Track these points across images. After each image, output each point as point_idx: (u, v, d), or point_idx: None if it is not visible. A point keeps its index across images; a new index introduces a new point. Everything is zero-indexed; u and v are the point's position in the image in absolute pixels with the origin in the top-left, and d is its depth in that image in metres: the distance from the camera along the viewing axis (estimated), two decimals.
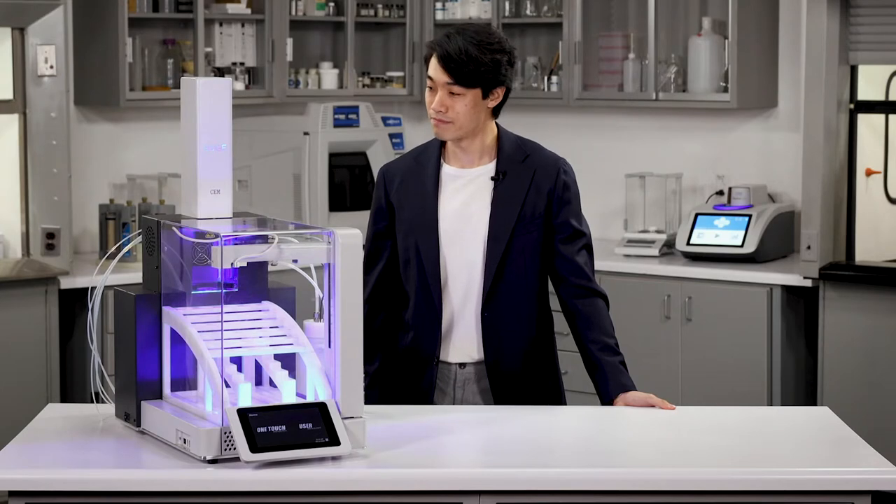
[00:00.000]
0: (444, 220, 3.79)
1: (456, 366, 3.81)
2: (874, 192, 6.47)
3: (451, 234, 3.78)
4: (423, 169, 3.83)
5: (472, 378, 3.80)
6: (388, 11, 7.52)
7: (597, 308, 3.80)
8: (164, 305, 3.28)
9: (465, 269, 3.78)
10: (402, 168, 3.88)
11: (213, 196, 3.32)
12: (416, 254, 3.79)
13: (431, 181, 3.81)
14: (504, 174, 3.79)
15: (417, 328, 3.81)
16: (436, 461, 3.21)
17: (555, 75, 7.20)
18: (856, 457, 3.28)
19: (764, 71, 6.79)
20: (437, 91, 3.72)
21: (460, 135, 3.76)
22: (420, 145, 3.94)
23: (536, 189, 3.79)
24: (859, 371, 6.10)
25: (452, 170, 3.83)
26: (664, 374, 6.38)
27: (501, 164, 3.80)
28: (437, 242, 3.78)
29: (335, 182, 7.01)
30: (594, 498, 3.09)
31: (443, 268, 3.78)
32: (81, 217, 6.62)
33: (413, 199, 3.82)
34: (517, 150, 3.82)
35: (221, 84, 3.32)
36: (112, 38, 6.47)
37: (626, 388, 3.72)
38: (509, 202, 3.77)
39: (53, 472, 3.07)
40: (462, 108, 3.72)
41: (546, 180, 3.80)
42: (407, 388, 3.84)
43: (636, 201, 7.09)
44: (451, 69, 3.69)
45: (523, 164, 3.80)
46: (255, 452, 3.01)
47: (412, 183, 3.83)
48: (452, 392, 3.82)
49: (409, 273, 3.82)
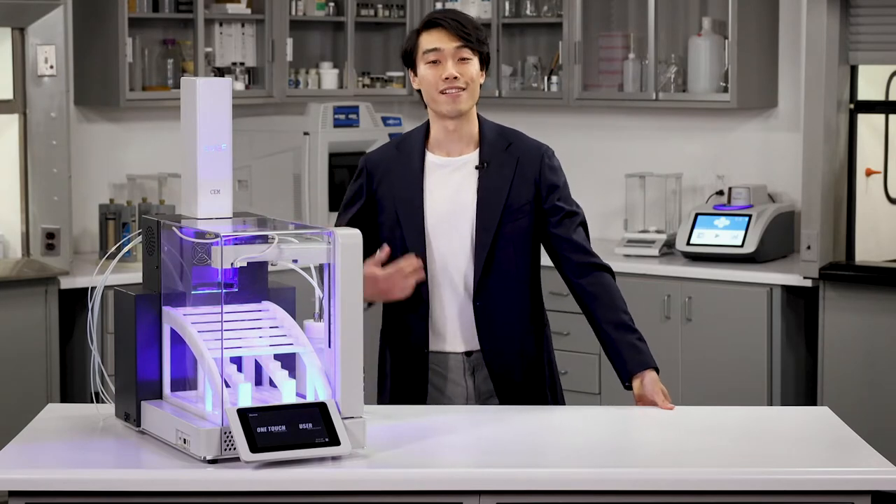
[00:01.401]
0: (431, 209, 3.80)
1: (462, 355, 3.81)
2: (874, 192, 6.47)
3: (437, 224, 3.79)
4: (407, 158, 3.84)
5: (478, 366, 3.81)
6: (388, 11, 7.52)
7: (604, 284, 3.80)
8: (164, 305, 3.28)
9: (453, 258, 3.79)
10: (385, 158, 3.88)
11: (213, 196, 3.32)
12: (403, 244, 3.79)
13: (416, 171, 3.81)
14: (487, 164, 3.80)
15: (405, 319, 3.82)
16: (436, 461, 3.21)
17: (555, 75, 7.20)
18: (856, 457, 3.28)
19: (764, 71, 6.79)
20: (443, 63, 3.75)
21: (470, 105, 3.78)
22: (400, 135, 3.94)
23: (522, 177, 3.80)
24: (859, 371, 6.10)
25: (437, 158, 3.83)
26: (664, 374, 6.32)
27: (485, 153, 3.82)
28: (423, 232, 3.78)
29: (335, 182, 7.01)
30: (594, 498, 3.09)
31: (429, 257, 3.79)
32: (81, 217, 6.62)
33: (398, 190, 3.82)
34: (499, 138, 3.84)
35: (221, 84, 3.33)
36: (112, 38, 6.47)
37: (647, 366, 3.72)
38: (495, 191, 3.78)
39: (53, 472, 3.07)
40: (472, 73, 3.78)
41: (530, 168, 3.81)
42: (402, 380, 3.85)
43: (636, 201, 7.09)
44: (462, 32, 3.75)
45: (506, 153, 3.83)
46: (255, 452, 3.01)
47: (396, 173, 3.83)
48: (465, 381, 3.82)
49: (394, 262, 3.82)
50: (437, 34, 3.77)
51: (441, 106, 3.77)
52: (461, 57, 3.76)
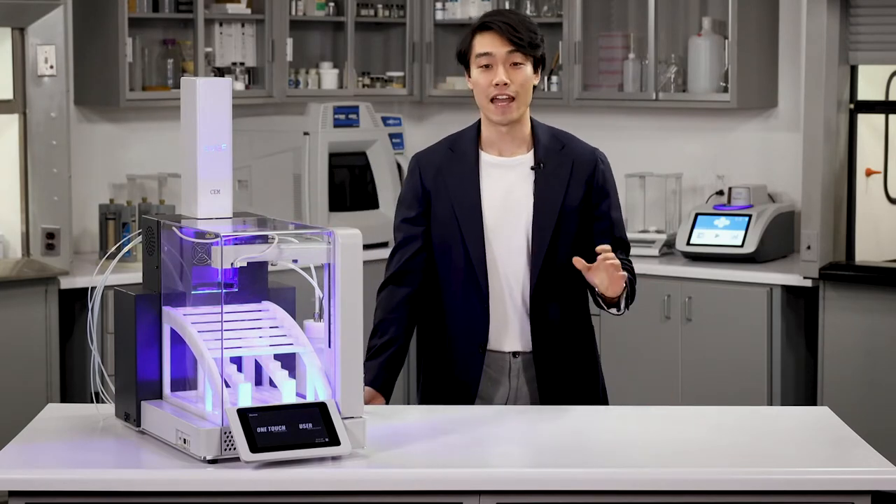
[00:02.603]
0: (488, 207, 3.79)
1: (509, 355, 3.81)
2: (874, 192, 6.47)
3: (494, 222, 3.79)
4: (462, 157, 3.83)
5: (525, 367, 3.79)
6: (388, 11, 7.52)
7: (623, 258, 3.79)
8: (164, 305, 3.28)
9: (510, 257, 3.78)
10: (438, 156, 3.87)
11: (213, 196, 3.32)
12: (461, 240, 3.77)
13: (471, 169, 3.81)
14: (543, 164, 3.80)
15: (464, 314, 3.80)
16: (436, 461, 3.21)
17: (555, 75, 7.20)
18: (856, 457, 3.28)
19: (764, 71, 6.79)
20: (495, 67, 3.74)
21: (521, 112, 3.79)
22: (451, 134, 3.92)
23: (576, 179, 3.81)
24: (859, 371, 6.10)
25: (492, 158, 3.83)
26: (664, 374, 6.38)
27: (540, 154, 3.82)
28: (481, 228, 3.77)
29: (335, 182, 7.01)
30: (594, 498, 3.09)
31: (489, 256, 3.78)
32: (81, 217, 6.62)
33: (453, 187, 3.81)
34: (553, 140, 3.85)
35: (221, 84, 3.33)
36: (112, 38, 6.47)
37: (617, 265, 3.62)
38: (551, 192, 3.79)
39: (53, 472, 3.07)
40: (523, 79, 3.77)
41: (584, 170, 3.83)
42: (452, 378, 3.83)
43: (636, 201, 7.09)
44: (515, 37, 3.74)
45: (561, 154, 3.83)
46: (255, 452, 3.01)
47: (450, 171, 3.82)
48: (508, 381, 3.81)
49: (448, 262, 3.80)
50: (490, 37, 3.76)
51: (491, 113, 3.78)
52: (513, 62, 3.76)
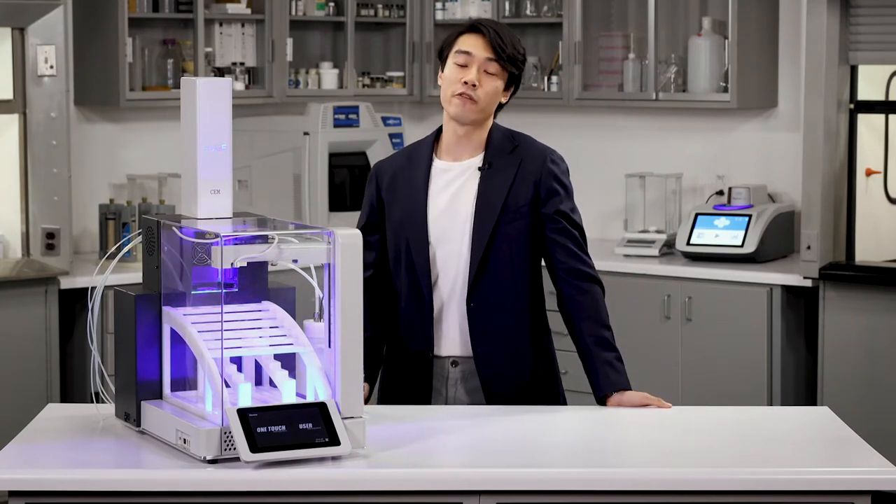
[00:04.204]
0: (434, 215, 3.80)
1: (448, 363, 3.81)
2: (874, 192, 6.47)
3: (439, 229, 3.79)
4: (415, 165, 3.84)
5: (465, 376, 3.80)
6: (388, 11, 7.52)
7: (592, 295, 3.77)
8: (164, 305, 3.28)
9: (454, 260, 3.78)
10: (394, 166, 3.89)
11: (213, 196, 3.32)
12: (407, 250, 3.79)
13: (422, 177, 3.81)
14: (490, 165, 3.80)
15: (409, 325, 3.81)
16: (436, 461, 3.21)
17: (555, 75, 7.20)
18: (856, 457, 3.28)
19: (764, 71, 6.79)
20: (470, 67, 3.74)
21: (480, 118, 3.78)
22: (414, 143, 3.94)
23: (522, 179, 3.79)
24: (859, 371, 6.10)
25: (443, 163, 3.83)
26: (664, 374, 6.38)
27: (489, 156, 3.81)
28: (426, 238, 3.78)
29: (335, 182, 7.01)
30: (594, 498, 3.09)
31: (432, 262, 3.78)
32: (81, 217, 6.62)
33: (402, 197, 3.82)
34: (506, 141, 3.83)
35: (221, 84, 3.33)
36: (112, 38, 6.47)
37: (618, 388, 3.70)
38: (494, 192, 3.77)
39: (53, 472, 3.07)
40: (491, 90, 3.76)
41: (533, 170, 3.80)
42: (405, 386, 3.84)
43: (636, 201, 7.09)
44: (498, 46, 3.74)
45: (511, 155, 3.81)
46: (255, 452, 3.01)
47: (402, 180, 3.84)
48: (445, 391, 3.81)
49: (399, 270, 3.82)
50: (475, 39, 3.77)
51: (450, 107, 3.77)
52: (488, 70, 3.75)
